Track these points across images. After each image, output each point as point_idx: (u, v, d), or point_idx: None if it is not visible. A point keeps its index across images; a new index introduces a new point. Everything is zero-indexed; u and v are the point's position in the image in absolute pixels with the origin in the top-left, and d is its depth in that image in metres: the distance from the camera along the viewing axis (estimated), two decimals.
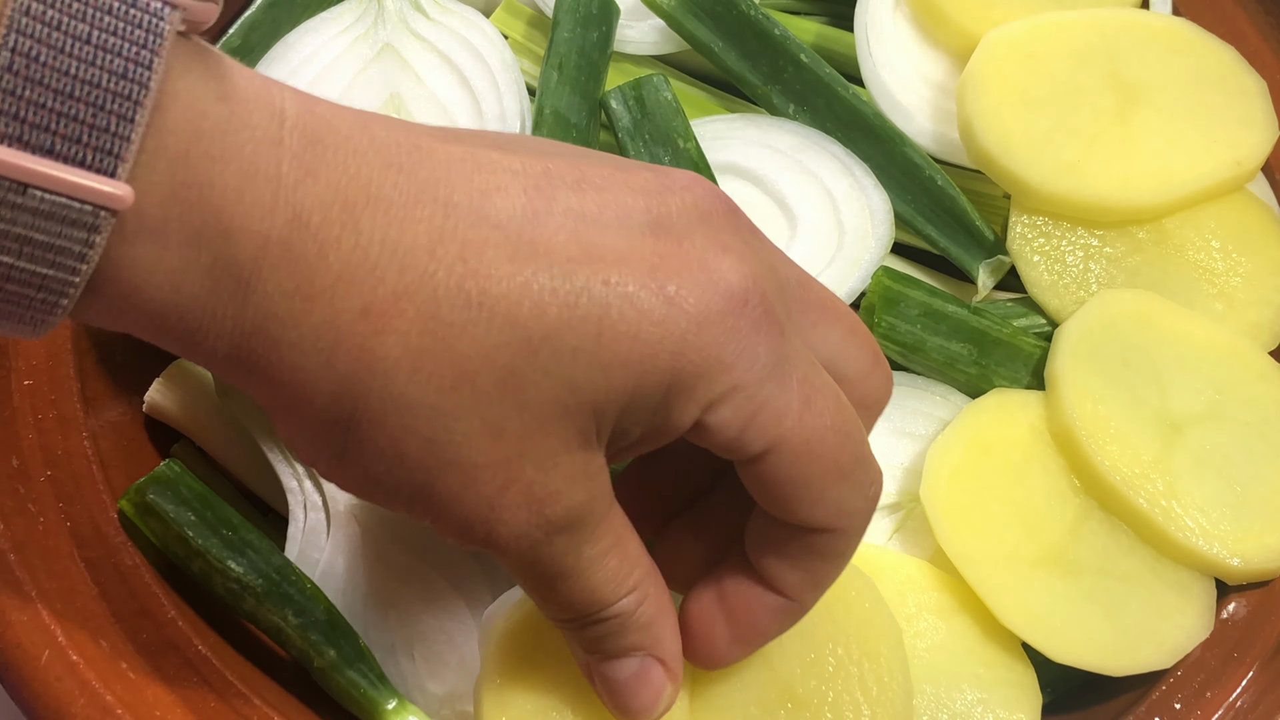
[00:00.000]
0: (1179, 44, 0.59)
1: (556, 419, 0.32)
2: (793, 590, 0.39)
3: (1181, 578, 0.50)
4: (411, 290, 0.31)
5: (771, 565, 0.38)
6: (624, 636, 0.37)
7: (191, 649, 0.48)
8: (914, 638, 0.49)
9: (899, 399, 0.55)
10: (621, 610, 0.37)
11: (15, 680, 0.46)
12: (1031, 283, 0.56)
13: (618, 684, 0.38)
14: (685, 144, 0.58)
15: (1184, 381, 0.53)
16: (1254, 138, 0.57)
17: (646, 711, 0.39)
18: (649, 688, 0.38)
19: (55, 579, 0.48)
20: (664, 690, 0.39)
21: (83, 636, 0.47)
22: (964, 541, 0.50)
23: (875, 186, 0.58)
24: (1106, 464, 0.50)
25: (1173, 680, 0.49)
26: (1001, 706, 0.48)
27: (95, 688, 0.46)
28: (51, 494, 0.50)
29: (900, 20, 0.63)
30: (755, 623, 0.39)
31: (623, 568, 0.36)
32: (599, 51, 0.61)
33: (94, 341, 0.55)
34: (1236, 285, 0.56)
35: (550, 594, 0.36)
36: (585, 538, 0.35)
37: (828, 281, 0.56)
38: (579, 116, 0.59)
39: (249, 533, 0.51)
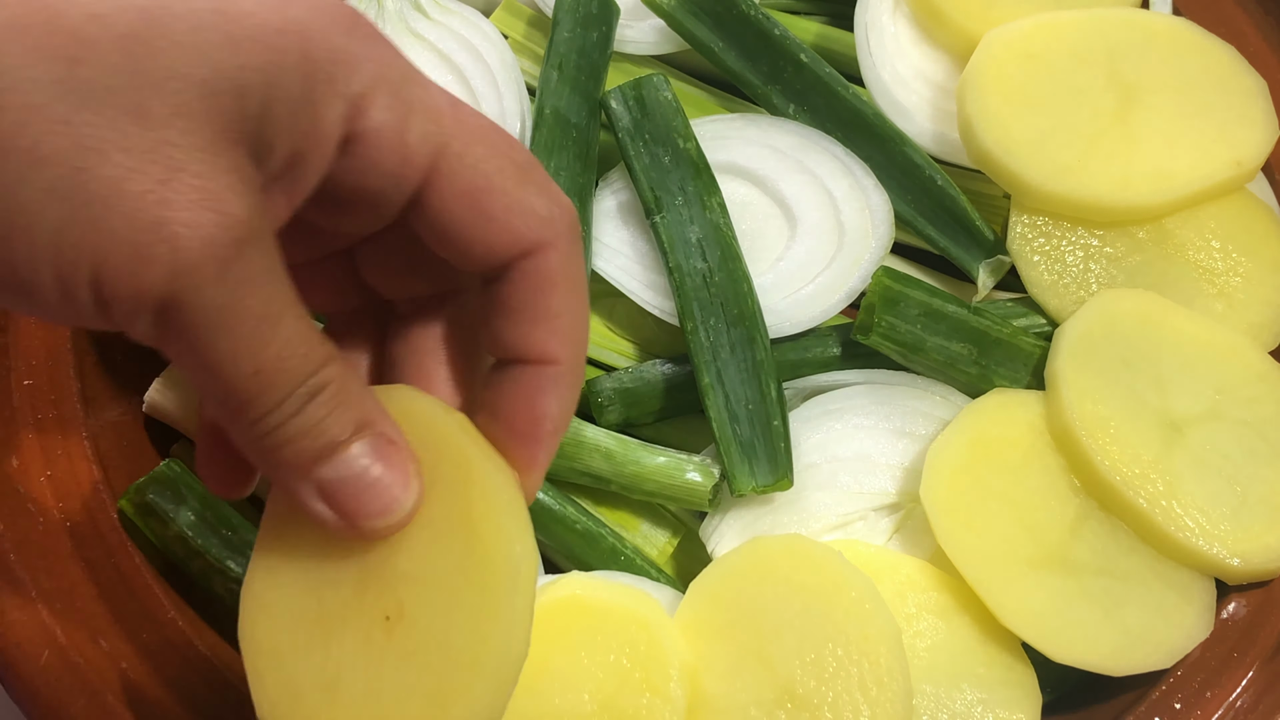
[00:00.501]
0: (1179, 44, 0.59)
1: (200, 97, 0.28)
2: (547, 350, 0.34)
3: (1181, 578, 0.50)
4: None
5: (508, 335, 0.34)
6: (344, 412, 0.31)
7: (191, 649, 0.48)
8: (914, 638, 0.49)
9: (899, 399, 0.55)
10: (331, 375, 0.31)
11: (15, 680, 0.46)
12: (1031, 283, 0.56)
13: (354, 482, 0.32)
14: (685, 144, 0.58)
15: (1184, 381, 0.53)
16: (1254, 138, 0.57)
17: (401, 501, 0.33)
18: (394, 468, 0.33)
19: (55, 579, 0.48)
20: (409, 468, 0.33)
21: (83, 636, 0.47)
22: (964, 541, 0.50)
23: (875, 186, 0.58)
24: (1106, 464, 0.50)
25: (1173, 680, 0.49)
26: (1001, 706, 0.48)
27: (95, 688, 0.46)
28: (51, 494, 0.50)
29: (900, 20, 0.63)
30: (533, 411, 0.34)
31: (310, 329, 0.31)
32: (599, 51, 0.61)
33: (94, 341, 0.55)
34: (1236, 285, 0.56)
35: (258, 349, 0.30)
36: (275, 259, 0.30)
37: (827, 281, 0.56)
38: (579, 116, 0.59)
39: (249, 533, 0.51)
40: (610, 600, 0.47)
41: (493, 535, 0.35)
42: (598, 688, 0.45)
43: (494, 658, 0.35)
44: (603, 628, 0.46)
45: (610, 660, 0.46)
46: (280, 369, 0.30)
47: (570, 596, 0.47)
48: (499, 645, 0.35)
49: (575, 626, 0.46)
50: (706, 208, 0.56)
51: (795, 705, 0.45)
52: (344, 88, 0.30)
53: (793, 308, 0.56)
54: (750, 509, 0.52)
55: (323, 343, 0.31)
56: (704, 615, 0.48)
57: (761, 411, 0.52)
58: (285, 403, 0.30)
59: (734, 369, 0.53)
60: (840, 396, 0.55)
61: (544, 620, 0.46)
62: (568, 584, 0.48)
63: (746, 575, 0.48)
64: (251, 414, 0.30)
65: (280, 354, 0.30)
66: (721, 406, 0.52)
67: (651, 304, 0.56)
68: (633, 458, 0.53)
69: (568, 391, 0.35)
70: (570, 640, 0.46)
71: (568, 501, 0.53)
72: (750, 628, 0.47)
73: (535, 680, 0.45)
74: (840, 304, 0.56)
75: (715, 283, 0.55)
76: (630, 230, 0.58)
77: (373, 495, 0.32)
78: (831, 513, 0.52)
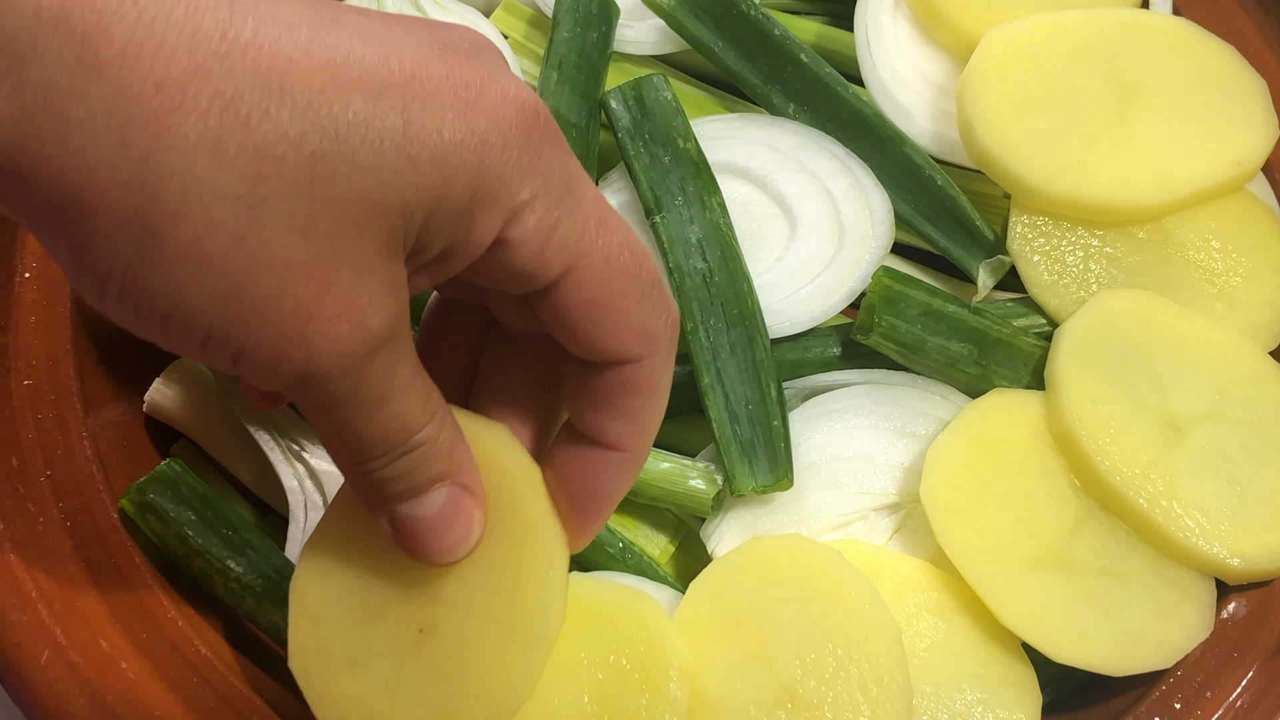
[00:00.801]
0: (1179, 44, 0.59)
1: (369, 217, 0.31)
2: (621, 440, 0.38)
3: (1181, 578, 0.50)
4: (207, 68, 0.29)
5: (592, 418, 0.37)
6: (431, 465, 0.36)
7: (191, 649, 0.48)
8: (914, 638, 0.49)
9: (899, 399, 0.55)
10: (428, 436, 0.35)
11: (15, 680, 0.46)
12: (1031, 283, 0.56)
13: (426, 522, 0.37)
14: (685, 144, 0.58)
15: (1184, 381, 0.53)
16: (1254, 138, 0.57)
17: (463, 544, 0.37)
18: (460, 517, 0.37)
19: (55, 579, 0.48)
20: (474, 519, 0.37)
21: (83, 636, 0.47)
22: (964, 541, 0.50)
23: (875, 186, 0.58)
24: (1106, 464, 0.50)
25: (1173, 680, 0.49)
26: (1001, 706, 0.48)
27: (95, 688, 0.46)
28: (51, 494, 0.50)
29: (900, 20, 0.63)
30: (597, 488, 0.38)
31: (424, 390, 0.35)
32: (599, 51, 0.61)
33: (94, 341, 0.55)
34: (1236, 285, 0.56)
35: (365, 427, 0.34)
36: (400, 354, 0.33)
37: (827, 281, 0.56)
38: (579, 116, 0.59)
39: (249, 532, 0.51)
40: (610, 601, 0.47)
41: (534, 593, 0.39)
42: (597, 688, 0.45)
43: (502, 699, 0.39)
44: (603, 628, 0.46)
45: (610, 661, 0.46)
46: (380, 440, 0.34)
47: (571, 598, 0.47)
48: (508, 690, 0.39)
49: (575, 627, 0.46)
50: (706, 208, 0.56)
51: (795, 705, 0.45)
52: (506, 200, 0.33)
53: (793, 308, 0.56)
54: (750, 509, 0.52)
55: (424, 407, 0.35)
56: (703, 616, 0.48)
57: (761, 411, 0.52)
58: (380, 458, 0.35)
59: (734, 369, 0.53)
60: (840, 396, 0.55)
61: None
62: (569, 586, 0.48)
63: (746, 575, 0.48)
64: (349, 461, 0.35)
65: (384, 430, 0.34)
66: (721, 407, 0.52)
67: None
68: None
69: (630, 475, 0.39)
70: (570, 641, 0.46)
71: None
72: (750, 628, 0.47)
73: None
74: (840, 304, 0.56)
75: (715, 283, 0.55)
76: None
77: (435, 536, 0.37)
78: (832, 513, 0.52)
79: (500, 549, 0.40)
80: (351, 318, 0.31)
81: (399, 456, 0.35)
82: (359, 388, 0.33)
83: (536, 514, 0.40)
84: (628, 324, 0.36)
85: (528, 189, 0.33)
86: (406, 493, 0.36)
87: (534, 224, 0.33)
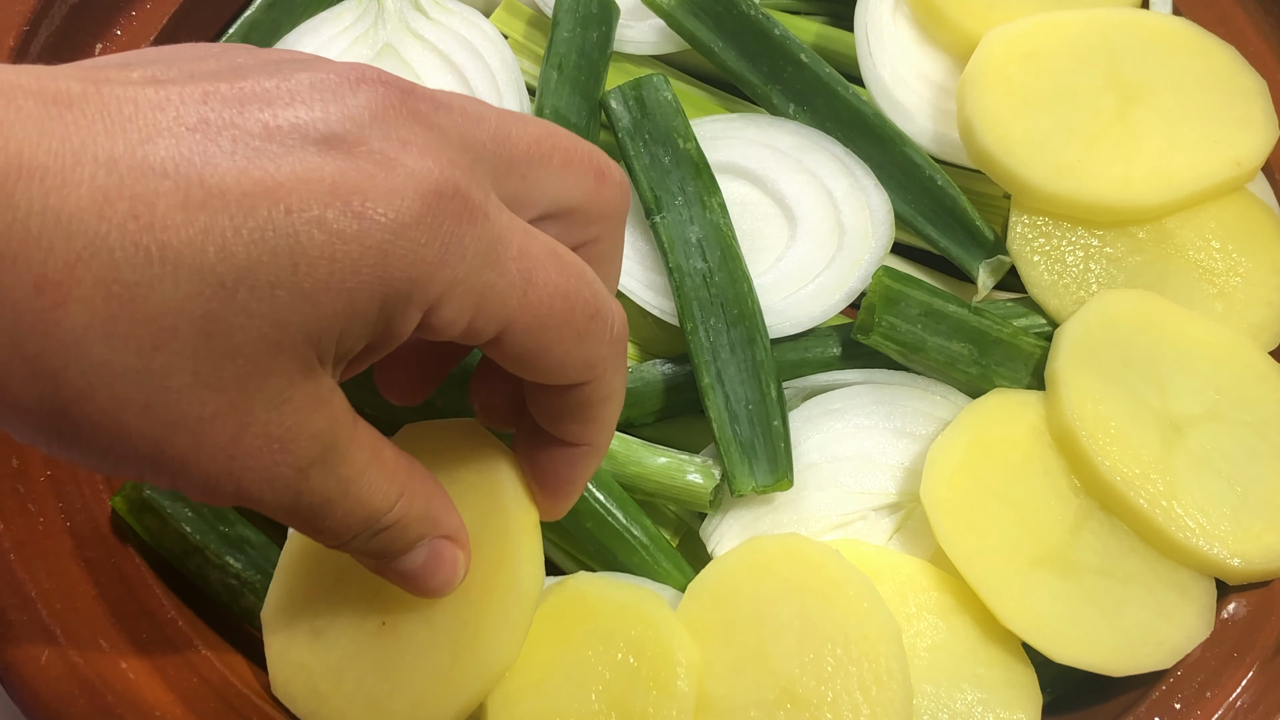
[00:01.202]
0: (1179, 44, 0.59)
1: (272, 356, 0.31)
2: (582, 438, 0.41)
3: (1181, 578, 0.50)
4: (86, 257, 0.29)
5: (552, 423, 0.40)
6: (406, 535, 0.38)
7: (191, 649, 0.48)
8: (914, 638, 0.49)
9: (899, 399, 0.55)
10: (397, 515, 0.37)
11: (15, 680, 0.46)
12: (1031, 283, 0.56)
13: (414, 574, 0.39)
14: (685, 144, 0.58)
15: (1184, 382, 0.53)
16: (1254, 138, 0.57)
17: (449, 584, 0.40)
18: (444, 564, 0.40)
19: (55, 579, 0.48)
20: (457, 560, 0.40)
21: (83, 636, 0.47)
22: (964, 541, 0.50)
23: (875, 186, 0.58)
24: (1107, 464, 0.50)
25: (1173, 680, 0.49)
26: (1001, 706, 0.48)
27: (95, 688, 0.46)
28: (51, 494, 0.50)
29: (900, 20, 0.63)
30: (564, 477, 0.42)
31: (383, 476, 0.36)
32: (599, 51, 0.61)
33: None
34: (1236, 285, 0.56)
35: (321, 525, 0.36)
36: (339, 461, 0.34)
37: (827, 281, 0.56)
38: (579, 116, 0.59)
39: (246, 528, 0.51)
40: (616, 599, 0.47)
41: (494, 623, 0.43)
42: (605, 687, 0.45)
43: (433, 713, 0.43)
44: (609, 626, 0.46)
45: (617, 658, 0.46)
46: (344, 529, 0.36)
47: (576, 596, 0.47)
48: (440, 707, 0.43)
49: (581, 626, 0.46)
50: (706, 208, 0.56)
51: (795, 705, 0.45)
52: (421, 297, 0.33)
53: (793, 308, 0.56)
54: (750, 509, 0.52)
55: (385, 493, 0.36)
56: (702, 615, 0.48)
57: (761, 411, 0.52)
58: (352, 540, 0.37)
59: (734, 369, 0.53)
60: (840, 396, 0.55)
61: (550, 620, 0.46)
62: (573, 584, 0.48)
63: (744, 575, 0.48)
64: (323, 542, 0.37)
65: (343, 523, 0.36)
66: (721, 407, 0.52)
67: (651, 304, 0.56)
68: (634, 458, 0.53)
69: (594, 463, 0.42)
70: (577, 640, 0.46)
71: None
72: (749, 628, 0.47)
73: (543, 680, 0.45)
74: (840, 304, 0.56)
75: (715, 283, 0.55)
76: (630, 230, 0.58)
77: (422, 582, 0.40)
78: (832, 512, 0.52)
79: (474, 580, 0.43)
80: (273, 450, 0.33)
81: (371, 538, 0.37)
82: (301, 500, 0.34)
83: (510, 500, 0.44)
84: (568, 363, 0.37)
85: (442, 280, 0.33)
86: (388, 556, 0.39)
87: (454, 311, 0.34)
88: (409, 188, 0.32)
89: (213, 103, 0.31)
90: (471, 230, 0.33)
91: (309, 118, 0.32)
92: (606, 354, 0.38)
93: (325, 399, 0.33)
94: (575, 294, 0.36)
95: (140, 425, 0.31)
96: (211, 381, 0.31)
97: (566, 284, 0.36)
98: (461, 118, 0.36)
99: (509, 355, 0.36)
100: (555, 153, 0.38)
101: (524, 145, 0.37)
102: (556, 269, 0.36)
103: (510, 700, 0.45)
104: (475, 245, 0.33)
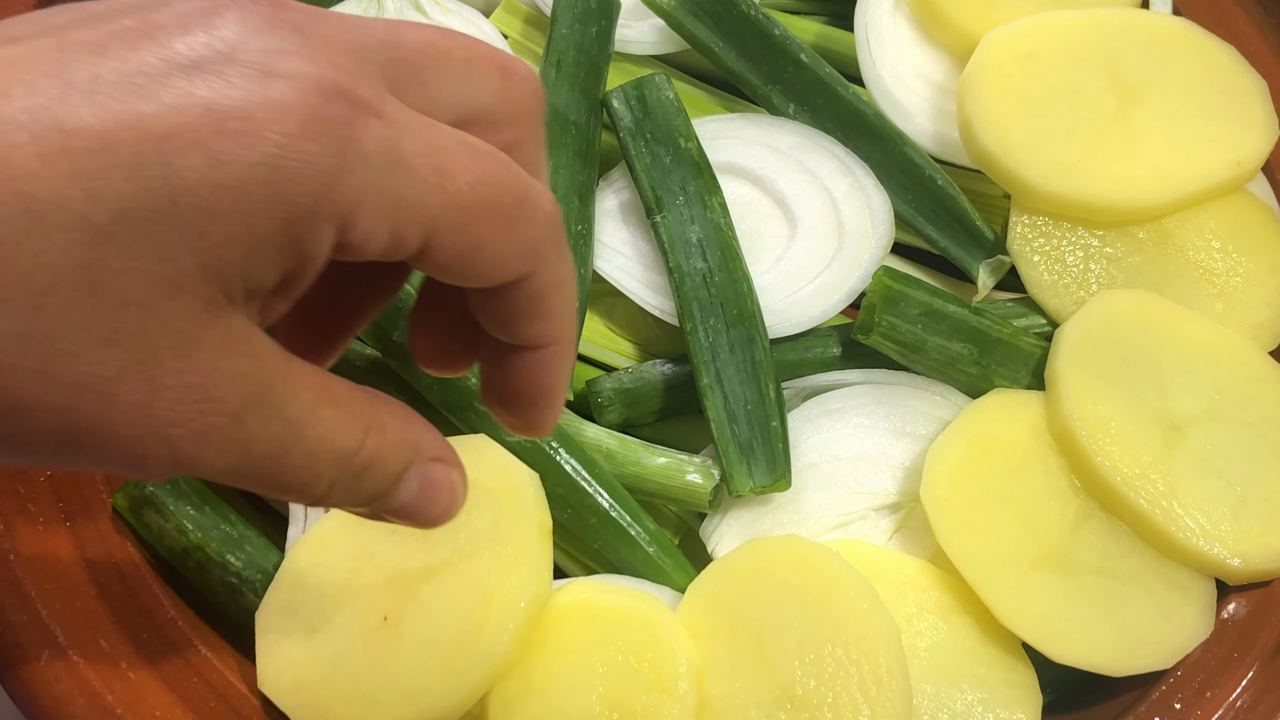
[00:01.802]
0: (1179, 44, 0.59)
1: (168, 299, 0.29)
2: (546, 338, 0.37)
3: (1181, 578, 0.50)
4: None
5: (510, 331, 0.37)
6: (389, 468, 0.35)
7: (191, 649, 0.48)
8: (914, 638, 0.49)
9: (899, 399, 0.55)
10: (370, 452, 0.34)
11: (15, 680, 0.46)
12: (1031, 283, 0.56)
13: (411, 507, 0.36)
14: (687, 144, 0.58)
15: (1184, 381, 0.53)
16: (1254, 138, 0.57)
17: (452, 508, 0.37)
18: (441, 488, 0.37)
19: (55, 579, 0.48)
20: (453, 481, 0.37)
21: (83, 636, 0.47)
22: (964, 541, 0.50)
23: (875, 186, 0.58)
24: (1107, 464, 0.50)
25: (1173, 680, 0.49)
26: (1001, 706, 0.48)
27: (95, 688, 0.46)
28: (51, 494, 0.50)
29: (900, 20, 0.63)
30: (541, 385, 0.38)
31: (340, 412, 0.33)
32: (598, 47, 0.61)
33: None
34: (1236, 285, 0.56)
35: (287, 478, 0.33)
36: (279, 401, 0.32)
37: (827, 281, 0.56)
38: (578, 113, 0.59)
39: (247, 529, 0.51)
40: (616, 602, 0.47)
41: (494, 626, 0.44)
42: (608, 690, 0.45)
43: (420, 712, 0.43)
44: (609, 629, 0.46)
45: (618, 661, 0.46)
46: (313, 478, 0.33)
47: (577, 600, 0.47)
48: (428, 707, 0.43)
49: (582, 629, 0.47)
50: (707, 207, 0.56)
51: (795, 706, 0.45)
52: (329, 210, 0.30)
53: (792, 308, 0.56)
54: (751, 509, 0.52)
55: (350, 428, 0.33)
56: (702, 617, 0.48)
57: (760, 412, 0.52)
58: (332, 490, 0.34)
59: (733, 369, 0.53)
60: (840, 396, 0.55)
61: (551, 624, 0.46)
62: (574, 589, 0.48)
63: (743, 577, 0.48)
64: (299, 501, 0.34)
65: (310, 471, 0.33)
66: (720, 407, 0.52)
67: (651, 304, 0.56)
68: (634, 458, 0.53)
69: (568, 362, 0.38)
70: (578, 643, 0.46)
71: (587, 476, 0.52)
72: (749, 629, 0.47)
73: (544, 683, 0.45)
74: (840, 304, 0.56)
75: (715, 283, 0.55)
76: (630, 230, 0.58)
77: (422, 513, 0.37)
78: (832, 512, 0.52)
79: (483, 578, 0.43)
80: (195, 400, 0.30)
81: (352, 482, 0.34)
82: (251, 453, 0.31)
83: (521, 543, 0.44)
84: (506, 254, 0.34)
85: (348, 189, 0.30)
86: (376, 496, 0.35)
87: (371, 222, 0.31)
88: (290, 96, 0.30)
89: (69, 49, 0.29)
90: (367, 131, 0.30)
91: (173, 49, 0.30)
92: (545, 236, 0.35)
93: (242, 338, 0.31)
94: (497, 179, 0.33)
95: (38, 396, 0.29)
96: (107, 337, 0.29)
97: (485, 170, 0.33)
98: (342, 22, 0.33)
99: (443, 263, 0.33)
100: (453, 52, 0.35)
101: (417, 47, 0.34)
102: (471, 157, 0.33)
103: (512, 704, 0.45)
104: (375, 146, 0.31)
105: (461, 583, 0.45)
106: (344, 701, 0.44)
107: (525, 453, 0.50)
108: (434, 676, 0.43)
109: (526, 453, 0.50)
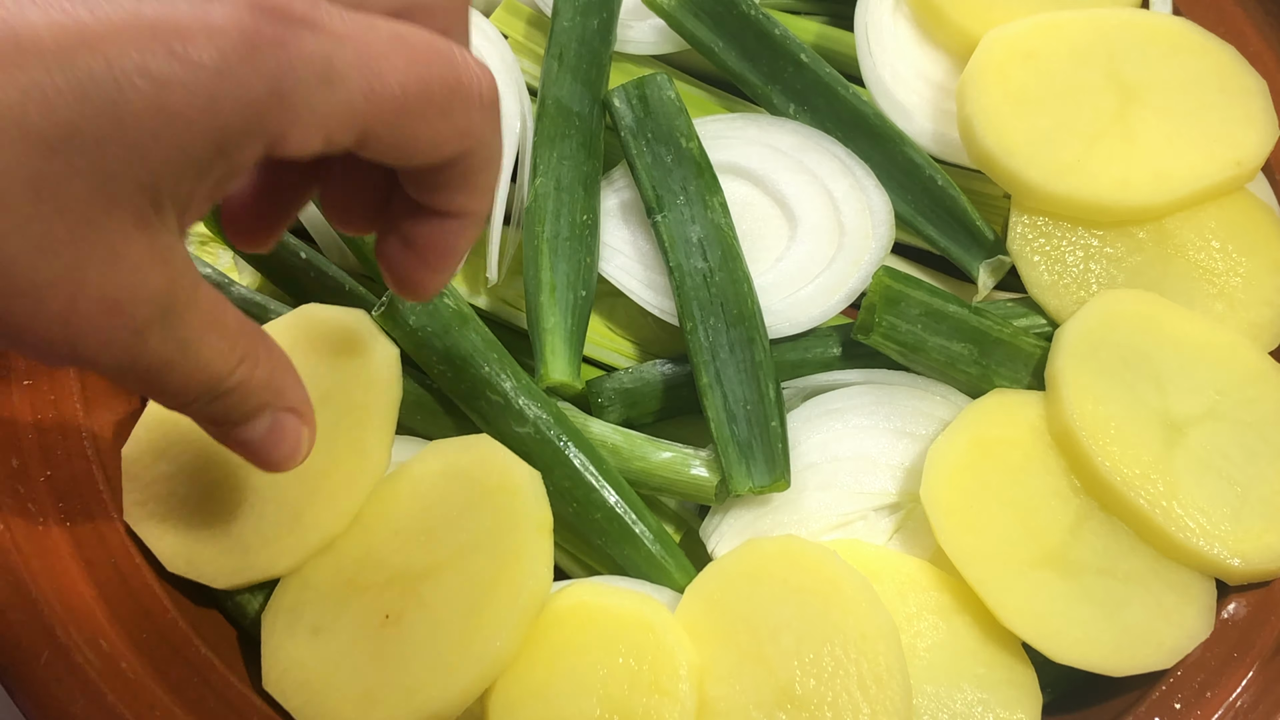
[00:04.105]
0: (1179, 44, 0.59)
1: (104, 211, 0.31)
2: (467, 209, 0.39)
3: (1182, 578, 0.50)
4: None
5: (431, 196, 0.39)
6: (248, 400, 0.38)
7: (191, 649, 0.48)
8: (914, 638, 0.49)
9: (899, 399, 0.55)
10: (238, 380, 0.37)
11: (15, 680, 0.46)
12: (1032, 283, 0.56)
13: (255, 444, 0.40)
14: (688, 143, 0.58)
15: (1184, 381, 0.53)
16: (1254, 138, 0.57)
17: (292, 458, 0.40)
18: (287, 436, 0.40)
19: (54, 579, 0.48)
20: (301, 435, 0.40)
21: (83, 636, 0.47)
22: (964, 541, 0.50)
23: (875, 186, 0.58)
24: (1107, 464, 0.50)
25: (1173, 680, 0.49)
26: (1001, 706, 0.48)
27: (95, 688, 0.46)
28: (51, 494, 0.50)
29: (900, 20, 0.63)
30: (444, 248, 0.40)
31: (224, 340, 0.36)
32: (600, 39, 0.61)
33: None
34: (1236, 285, 0.56)
35: (161, 387, 0.36)
36: (177, 323, 0.34)
37: (828, 281, 0.56)
38: (581, 105, 0.59)
39: None
40: (616, 604, 0.47)
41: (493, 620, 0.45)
42: (607, 690, 0.45)
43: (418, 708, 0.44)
44: (609, 631, 0.46)
45: (618, 662, 0.46)
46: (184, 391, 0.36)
47: (576, 602, 0.47)
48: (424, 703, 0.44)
49: (582, 631, 0.47)
50: (708, 207, 0.56)
51: (795, 705, 0.45)
52: (259, 132, 0.32)
53: (793, 308, 0.56)
54: (751, 508, 0.52)
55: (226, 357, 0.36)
56: (701, 618, 0.48)
57: (760, 412, 0.52)
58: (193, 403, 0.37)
59: (733, 369, 0.53)
60: (840, 396, 0.55)
61: (551, 626, 0.46)
62: (573, 591, 0.48)
63: (742, 577, 0.48)
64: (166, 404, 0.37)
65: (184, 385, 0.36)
66: (720, 407, 0.52)
67: (651, 304, 0.56)
68: (639, 453, 0.53)
69: (475, 231, 0.41)
70: (577, 644, 0.46)
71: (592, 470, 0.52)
72: (748, 629, 0.47)
73: (544, 685, 0.45)
74: (840, 304, 0.56)
75: (715, 282, 0.55)
76: (631, 229, 0.58)
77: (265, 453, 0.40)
78: (832, 512, 0.52)
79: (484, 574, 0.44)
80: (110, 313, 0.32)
81: (212, 400, 0.37)
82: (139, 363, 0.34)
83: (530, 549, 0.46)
84: (440, 139, 0.36)
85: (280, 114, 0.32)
86: (230, 423, 0.39)
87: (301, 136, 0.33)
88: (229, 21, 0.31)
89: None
90: (300, 49, 0.32)
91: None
92: (478, 118, 0.37)
93: (163, 255, 0.33)
94: (429, 75, 0.35)
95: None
96: (45, 245, 0.31)
97: (417, 68, 0.34)
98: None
99: (378, 153, 0.35)
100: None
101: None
102: (404, 56, 0.34)
103: (512, 706, 0.45)
104: (308, 67, 0.32)
105: (462, 580, 0.46)
106: (345, 699, 0.45)
107: (533, 447, 0.51)
108: (434, 673, 0.44)
109: (535, 447, 0.51)
